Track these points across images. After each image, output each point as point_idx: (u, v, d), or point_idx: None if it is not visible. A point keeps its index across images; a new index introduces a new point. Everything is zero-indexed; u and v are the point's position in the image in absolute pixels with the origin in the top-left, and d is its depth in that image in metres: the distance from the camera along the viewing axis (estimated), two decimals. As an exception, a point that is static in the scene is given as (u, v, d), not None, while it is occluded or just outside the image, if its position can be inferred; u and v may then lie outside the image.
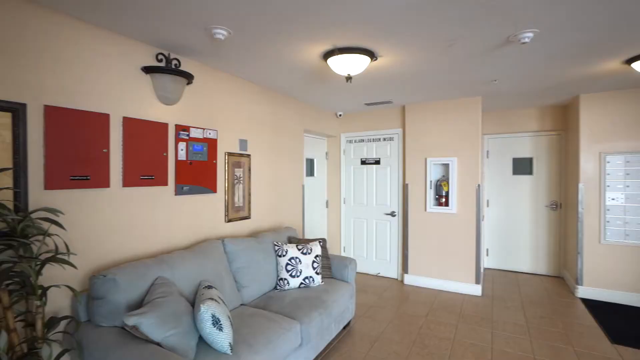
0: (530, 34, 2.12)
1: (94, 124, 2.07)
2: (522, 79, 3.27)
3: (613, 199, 3.77)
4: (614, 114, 3.79)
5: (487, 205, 5.09)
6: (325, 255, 3.18)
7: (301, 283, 2.88)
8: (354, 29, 2.13)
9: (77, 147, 1.98)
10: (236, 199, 3.24)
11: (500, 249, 5.03)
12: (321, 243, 3.16)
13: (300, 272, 2.88)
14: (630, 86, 3.60)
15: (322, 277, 3.10)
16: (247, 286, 2.66)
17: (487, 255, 5.11)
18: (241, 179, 3.30)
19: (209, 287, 2.08)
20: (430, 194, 4.24)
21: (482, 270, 4.33)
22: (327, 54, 2.49)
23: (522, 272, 4.90)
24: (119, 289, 1.80)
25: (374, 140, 4.82)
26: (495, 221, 5.05)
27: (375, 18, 1.98)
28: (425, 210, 4.29)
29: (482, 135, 4.98)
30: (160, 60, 2.47)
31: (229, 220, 3.14)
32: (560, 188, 4.66)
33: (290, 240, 3.26)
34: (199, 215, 2.84)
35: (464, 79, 3.26)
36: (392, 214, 4.64)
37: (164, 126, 2.53)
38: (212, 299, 1.86)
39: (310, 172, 4.86)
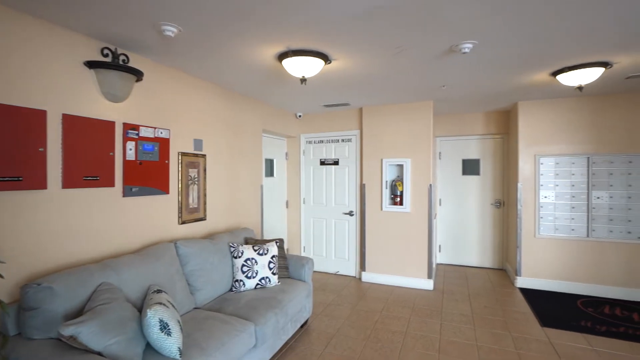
0: (470, 45, 2.30)
1: (28, 121, 1.92)
2: (467, 85, 3.51)
3: (546, 197, 4.17)
4: (546, 120, 4.18)
5: (440, 204, 5.39)
6: (282, 256, 3.20)
7: (257, 284, 2.87)
8: (307, 33, 2.17)
9: (7, 146, 1.83)
10: (190, 200, 3.15)
11: (451, 245, 5.34)
12: (278, 243, 3.17)
13: (257, 273, 2.87)
14: (559, 96, 3.99)
15: (279, 277, 3.11)
16: (201, 289, 2.61)
17: (440, 251, 5.41)
18: (196, 179, 3.22)
19: (159, 291, 2.01)
20: (386, 194, 4.41)
21: (434, 265, 4.58)
22: (282, 56, 2.51)
23: (470, 266, 5.25)
24: (55, 298, 1.69)
25: (332, 141, 4.91)
26: (447, 219, 5.35)
27: (327, 23, 2.04)
28: (381, 209, 4.45)
29: (435, 138, 5.26)
30: (106, 55, 2.35)
31: (183, 222, 3.05)
32: (503, 187, 5.05)
33: (247, 241, 3.23)
34: (150, 217, 2.73)
35: (415, 84, 3.43)
36: (351, 214, 4.76)
37: (111, 124, 2.40)
38: (160, 303, 1.81)
39: (270, 172, 4.85)
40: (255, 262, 2.90)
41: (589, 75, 2.85)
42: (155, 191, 2.77)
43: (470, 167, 5.23)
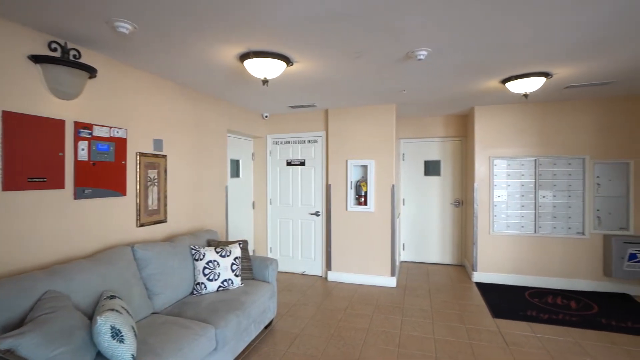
0: (425, 52, 2.42)
1: (-38, 119, 1.78)
2: (426, 90, 3.67)
3: (499, 197, 4.45)
4: (499, 124, 4.46)
5: (403, 204, 5.58)
6: (246, 257, 3.18)
7: (219, 286, 2.84)
8: (267, 35, 2.18)
9: (-62, 146, 1.69)
10: (150, 202, 3.05)
11: (414, 243, 5.55)
12: (241, 245, 3.15)
13: (219, 275, 2.84)
14: (509, 102, 4.28)
15: (242, 279, 3.09)
16: (160, 293, 2.54)
17: (404, 249, 5.60)
18: (156, 180, 3.12)
19: (112, 297, 1.94)
20: (351, 194, 4.51)
21: (397, 263, 4.73)
22: (244, 56, 2.50)
23: (432, 263, 5.48)
24: (-7, 308, 1.58)
25: (299, 142, 4.94)
26: (410, 218, 5.55)
27: (286, 26, 2.06)
28: (347, 209, 4.54)
29: (399, 139, 5.44)
30: (54, 50, 2.23)
31: (142, 225, 2.95)
32: (462, 187, 5.32)
33: (210, 243, 3.18)
34: (105, 220, 2.62)
35: (377, 87, 3.54)
36: (317, 214, 4.82)
37: (60, 123, 2.28)
38: (113, 309, 1.75)
39: (236, 173, 4.79)
40: (218, 264, 2.87)
41: (532, 84, 3.08)
42: (111, 193, 2.66)
43: (431, 168, 5.46)
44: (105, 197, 2.63)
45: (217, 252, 2.92)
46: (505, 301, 3.82)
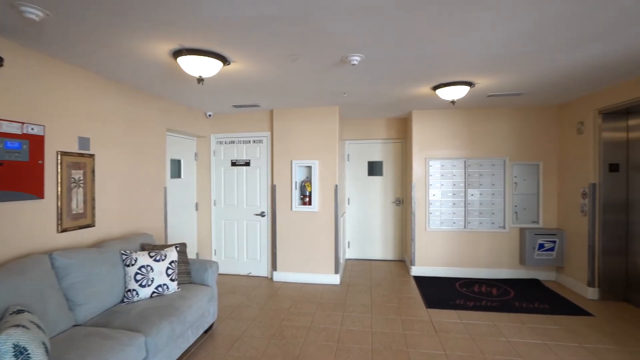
0: (358, 58, 2.53)
1: None
2: (364, 94, 3.83)
3: (434, 195, 4.79)
4: (434, 127, 4.80)
5: (348, 203, 5.76)
6: (183, 261, 3.07)
7: (153, 292, 2.71)
8: (199, 32, 2.13)
9: None
10: (74, 205, 2.81)
11: (359, 241, 5.75)
12: (178, 248, 3.03)
13: (152, 281, 2.71)
14: (442, 107, 4.63)
15: (179, 284, 2.98)
16: (85, 303, 2.36)
17: (349, 247, 5.78)
18: (81, 182, 2.88)
19: (19, 311, 1.76)
20: (296, 194, 4.55)
21: (341, 261, 4.88)
22: (177, 53, 2.41)
23: (375, 260, 5.72)
24: None
25: (244, 142, 4.87)
26: (355, 217, 5.75)
27: (219, 25, 2.03)
28: (292, 209, 4.58)
29: (344, 141, 5.60)
30: (-52, 34, 1.96)
31: (64, 230, 2.71)
32: (402, 187, 5.63)
33: (144, 248, 3.02)
34: (18, 226, 2.36)
35: (317, 90, 3.62)
36: (262, 214, 4.79)
37: (-44, 117, 2.02)
38: (18, 325, 1.59)
39: (177, 173, 4.59)
40: (151, 269, 2.73)
41: (458, 92, 3.37)
42: (24, 196, 2.41)
43: (375, 168, 5.70)
44: (17, 201, 2.37)
45: (151, 257, 2.78)
46: (438, 292, 4.12)
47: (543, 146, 4.58)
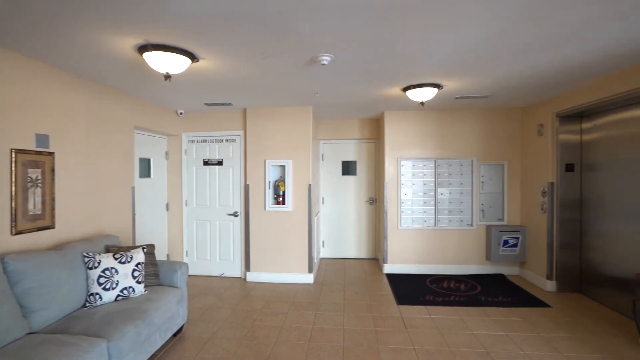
0: (328, 58, 2.56)
1: None
2: (337, 94, 3.87)
3: (405, 194, 4.90)
4: (406, 128, 4.92)
5: (322, 203, 5.79)
6: (151, 262, 2.98)
7: (118, 295, 2.61)
8: (165, 28, 2.08)
9: None
10: (31, 206, 2.66)
11: (333, 239, 5.80)
12: (145, 249, 2.94)
13: (117, 284, 2.61)
14: (413, 108, 4.75)
15: (147, 286, 2.89)
16: (41, 309, 2.24)
17: (323, 246, 5.81)
18: (39, 181, 2.73)
19: (-34, 318, 1.65)
20: (269, 194, 4.53)
21: (315, 260, 4.90)
22: (143, 48, 2.34)
23: (349, 258, 5.79)
24: None
25: (217, 140, 4.79)
26: (329, 216, 5.79)
27: (184, 21, 1.99)
28: (265, 209, 4.55)
29: (318, 140, 5.62)
30: None
31: (19, 232, 2.56)
32: (375, 186, 5.73)
33: (109, 250, 2.90)
34: (-36, 229, 2.21)
35: (291, 89, 3.62)
36: (235, 214, 4.73)
37: None
38: (-36, 332, 1.49)
39: (147, 173, 4.44)
40: (116, 271, 2.63)
41: (427, 94, 3.47)
42: (-27, 196, 2.26)
43: (348, 168, 5.77)
44: (-35, 201, 2.22)
45: (116, 259, 2.68)
46: (409, 289, 4.23)
47: (507, 147, 4.80)
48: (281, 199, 4.53)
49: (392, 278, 4.68)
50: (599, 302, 3.75)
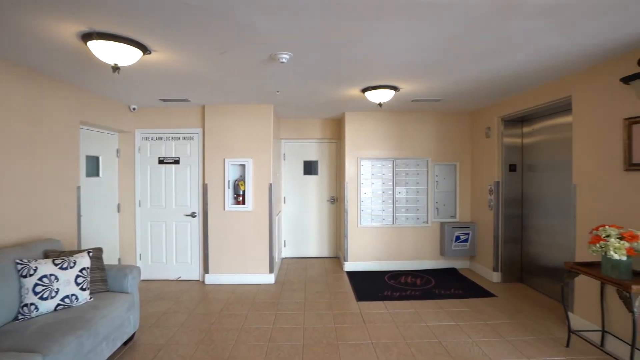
0: (287, 56, 2.55)
1: None
2: (297, 93, 3.87)
3: (365, 193, 5.03)
4: (366, 128, 5.04)
5: (284, 202, 5.77)
6: (98, 267, 2.79)
7: (59, 304, 2.41)
8: (113, 16, 1.95)
9: None
10: (-48, 209, 2.38)
11: (295, 239, 5.79)
12: (91, 253, 2.75)
13: (57, 292, 2.41)
14: (372, 109, 4.88)
15: (92, 293, 2.70)
16: (-35, 324, 2.01)
17: (285, 246, 5.78)
18: (-37, 180, 2.45)
19: None
20: (229, 194, 4.43)
21: (277, 260, 4.87)
22: (87, 37, 2.18)
23: (311, 257, 5.82)
24: None
25: (173, 138, 4.58)
26: (291, 215, 5.78)
27: (134, 10, 1.89)
28: (224, 209, 4.44)
29: (280, 140, 5.59)
30: None
31: (-63, 239, 2.27)
32: (336, 186, 5.81)
33: (48, 255, 2.67)
34: None
35: (251, 86, 3.56)
36: (193, 215, 4.56)
37: None
38: None
39: (95, 171, 4.14)
40: (56, 278, 2.43)
41: (385, 95, 3.59)
42: None
43: (310, 167, 5.79)
44: None
45: (57, 265, 2.48)
46: (369, 286, 4.34)
47: (459, 148, 5.10)
48: (241, 198, 4.44)
49: (353, 275, 4.77)
50: (536, 290, 4.10)
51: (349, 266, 5.03)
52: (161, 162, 4.60)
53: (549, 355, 2.68)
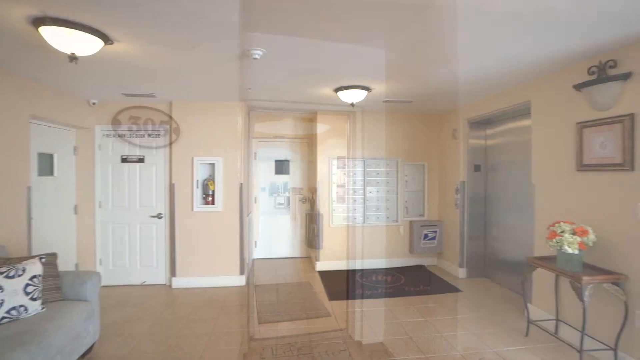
0: (260, 52, 2.50)
1: None
2: (270, 91, 3.81)
3: (337, 193, 5.05)
4: (337, 128, 5.06)
5: (255, 202, 5.66)
6: (51, 274, 2.57)
7: (4, 317, 2.19)
8: (70, 0, 1.81)
9: None
10: None
11: (266, 239, 5.71)
12: (44, 259, 2.53)
13: (2, 303, 2.19)
14: (345, 109, 4.90)
15: (45, 302, 2.48)
16: None
17: (256, 246, 5.68)
18: None
19: None
20: (198, 194, 4.27)
21: (248, 261, 4.76)
22: (39, 22, 2.00)
23: (283, 258, 5.75)
24: None
25: (137, 135, 4.34)
26: (262, 215, 5.68)
27: (95, -3, 1.76)
28: (193, 209, 4.28)
29: (252, 139, 5.47)
30: None
31: None
32: (308, 185, 5.78)
33: (-7, 262, 2.42)
34: None
35: (222, 83, 3.45)
36: (159, 216, 4.35)
37: None
38: None
39: (49, 170, 3.83)
40: (1, 288, 2.21)
41: (357, 95, 3.62)
42: None
43: (282, 167, 5.73)
44: None
45: (2, 273, 2.25)
46: (341, 285, 4.36)
47: (428, 149, 5.26)
48: (210, 198, 4.30)
49: (325, 275, 4.77)
50: (499, 284, 4.32)
51: (321, 266, 5.03)
52: (124, 160, 4.34)
53: (510, 345, 2.83)
